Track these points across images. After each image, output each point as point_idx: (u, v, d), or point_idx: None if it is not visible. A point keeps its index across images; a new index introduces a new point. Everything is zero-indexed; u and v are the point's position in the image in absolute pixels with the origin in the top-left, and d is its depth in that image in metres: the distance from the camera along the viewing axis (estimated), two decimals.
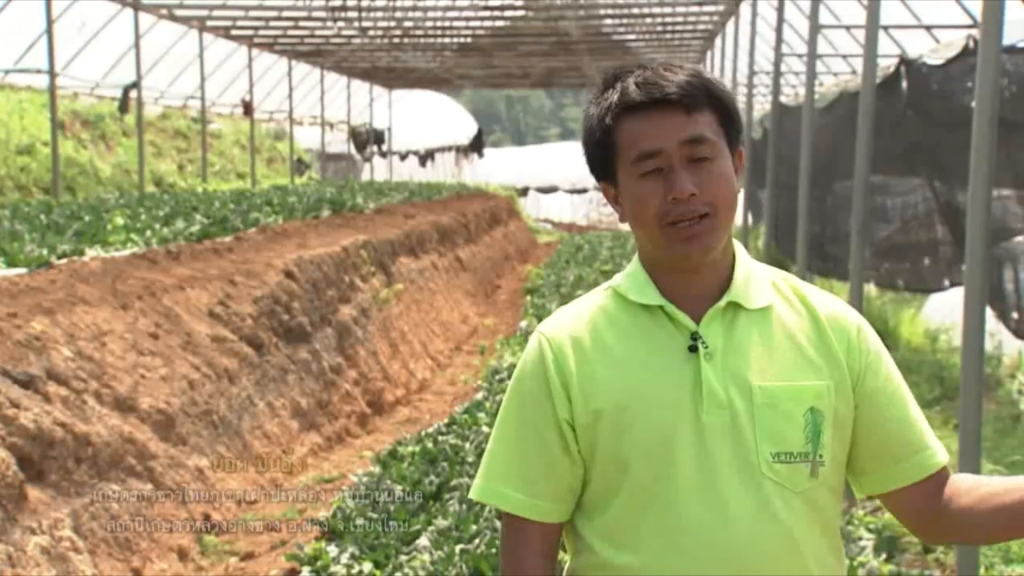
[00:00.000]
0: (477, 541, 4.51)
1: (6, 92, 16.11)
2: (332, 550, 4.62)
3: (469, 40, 20.33)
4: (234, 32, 18.48)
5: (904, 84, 7.16)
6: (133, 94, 16.06)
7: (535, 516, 1.76)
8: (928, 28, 10.00)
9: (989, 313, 4.47)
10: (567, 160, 37.12)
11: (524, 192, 35.84)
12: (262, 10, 16.53)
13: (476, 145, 36.24)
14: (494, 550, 4.36)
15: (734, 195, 1.72)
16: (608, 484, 1.73)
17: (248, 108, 20.07)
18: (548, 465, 1.76)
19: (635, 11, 17.22)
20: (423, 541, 4.58)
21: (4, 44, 15.00)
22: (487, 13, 17.51)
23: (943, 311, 9.87)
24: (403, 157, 32.60)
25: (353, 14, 16.70)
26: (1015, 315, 6.02)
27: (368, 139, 28.90)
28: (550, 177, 37.15)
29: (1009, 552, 5.03)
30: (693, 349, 1.71)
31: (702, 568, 1.64)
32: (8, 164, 14.21)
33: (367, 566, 4.40)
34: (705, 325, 1.72)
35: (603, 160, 1.76)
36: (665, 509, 1.68)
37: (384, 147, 29.98)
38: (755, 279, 1.77)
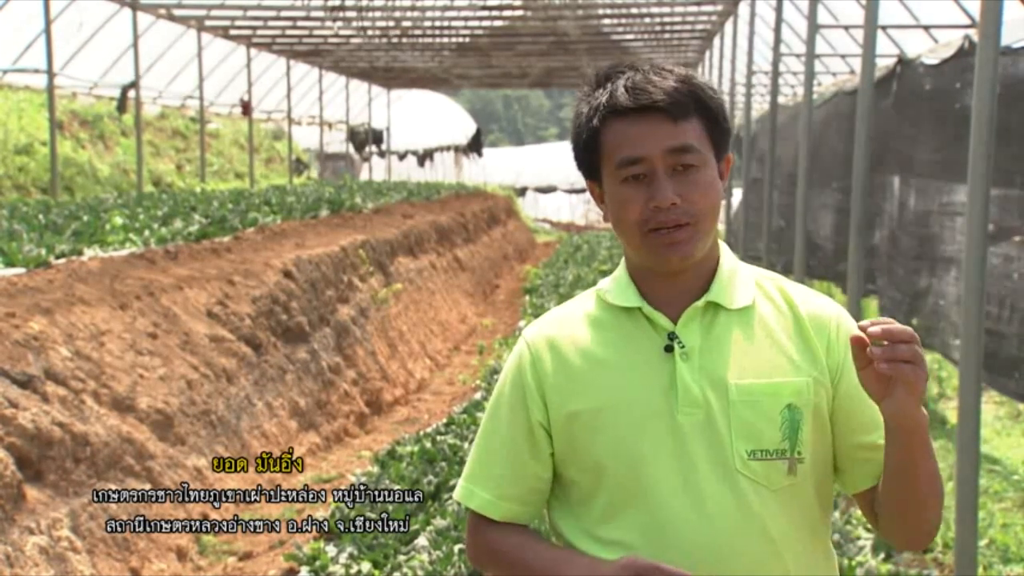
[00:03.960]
0: None
1: (4, 92, 16.10)
2: (331, 550, 4.61)
3: (467, 40, 20.33)
4: (232, 32, 18.48)
5: (895, 85, 7.15)
6: (131, 94, 16.05)
7: (498, 516, 1.79)
8: (927, 28, 10.00)
9: None
10: (565, 160, 36.51)
11: (522, 192, 35.83)
12: (260, 10, 16.53)
13: (474, 145, 36.21)
14: None
15: (717, 204, 1.72)
16: (588, 484, 1.74)
17: (246, 108, 20.06)
18: (515, 467, 1.78)
19: (633, 11, 17.21)
20: (422, 541, 4.58)
21: (2, 44, 15.00)
22: (485, 13, 17.50)
23: None
24: (401, 157, 32.60)
25: (352, 14, 16.69)
26: (914, 322, 6.09)
27: (366, 139, 28.91)
28: (548, 177, 37.13)
29: (1008, 552, 5.04)
30: (669, 349, 1.71)
31: (680, 565, 1.63)
32: (6, 164, 14.20)
33: (365, 566, 4.40)
34: (683, 325, 1.73)
35: (589, 160, 1.76)
36: (643, 508, 1.69)
37: (382, 147, 29.98)
38: (738, 279, 1.77)
